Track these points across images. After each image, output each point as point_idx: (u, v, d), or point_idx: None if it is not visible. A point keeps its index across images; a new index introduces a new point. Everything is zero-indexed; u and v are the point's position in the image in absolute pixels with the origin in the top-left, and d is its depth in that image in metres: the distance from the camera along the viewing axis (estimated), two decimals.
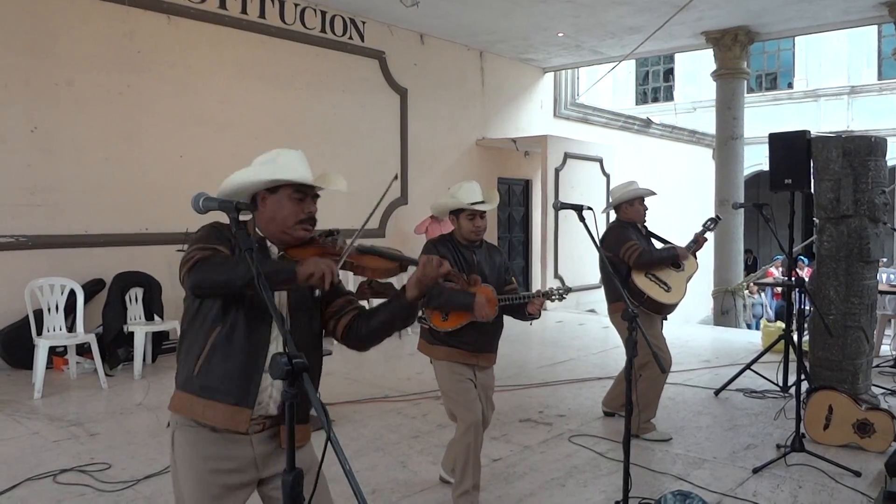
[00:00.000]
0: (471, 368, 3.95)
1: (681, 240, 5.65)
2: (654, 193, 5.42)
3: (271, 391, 2.26)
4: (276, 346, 2.26)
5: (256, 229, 2.32)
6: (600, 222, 5.51)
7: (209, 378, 2.22)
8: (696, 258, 5.44)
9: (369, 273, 2.39)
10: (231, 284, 2.10)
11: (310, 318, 2.39)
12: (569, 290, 4.11)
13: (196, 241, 2.24)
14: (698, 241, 5.48)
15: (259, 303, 2.16)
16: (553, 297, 3.99)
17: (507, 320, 4.10)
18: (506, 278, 4.11)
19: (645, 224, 5.48)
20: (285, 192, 2.29)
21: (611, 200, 5.42)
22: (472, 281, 2.50)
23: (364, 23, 11.04)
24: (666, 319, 5.60)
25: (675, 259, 5.30)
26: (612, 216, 5.58)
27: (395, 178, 2.85)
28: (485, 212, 3.91)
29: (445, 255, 3.80)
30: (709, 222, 5.63)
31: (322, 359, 2.50)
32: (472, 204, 3.85)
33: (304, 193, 2.33)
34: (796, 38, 21.75)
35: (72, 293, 6.99)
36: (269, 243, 2.34)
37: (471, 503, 3.86)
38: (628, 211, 5.35)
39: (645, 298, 5.15)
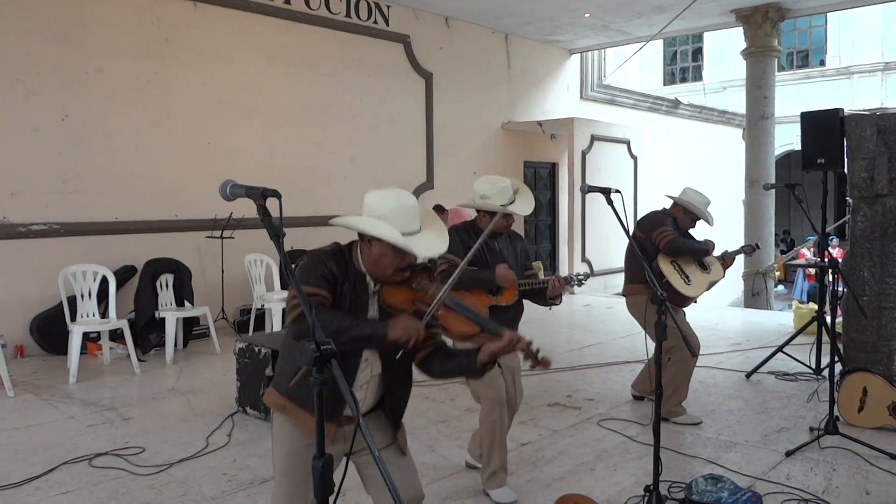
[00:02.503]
0: None
1: (708, 232, 5.61)
2: (710, 224, 5.41)
3: (364, 399, 2.56)
4: (367, 371, 2.52)
5: (360, 262, 2.51)
6: (630, 205, 5.48)
7: (301, 394, 2.45)
8: (722, 269, 5.40)
9: (449, 333, 2.55)
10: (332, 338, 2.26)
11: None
12: (588, 276, 4.11)
13: (300, 275, 2.41)
14: (725, 260, 5.42)
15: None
16: (572, 282, 3.97)
17: (532, 305, 4.07)
18: (525, 264, 4.11)
19: (687, 231, 5.44)
20: (390, 245, 2.41)
21: (679, 195, 5.36)
22: (543, 361, 2.60)
23: (389, 7, 11.00)
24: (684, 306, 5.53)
25: (705, 252, 5.25)
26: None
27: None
28: None
29: (468, 244, 3.83)
30: (748, 247, 5.79)
31: (411, 381, 2.71)
32: (504, 206, 3.81)
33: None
34: (828, 14, 21.32)
35: (104, 280, 7.09)
36: (368, 279, 2.52)
37: (499, 484, 3.88)
38: (679, 212, 5.35)
39: (664, 282, 5.11)
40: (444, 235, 2.56)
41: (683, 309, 5.45)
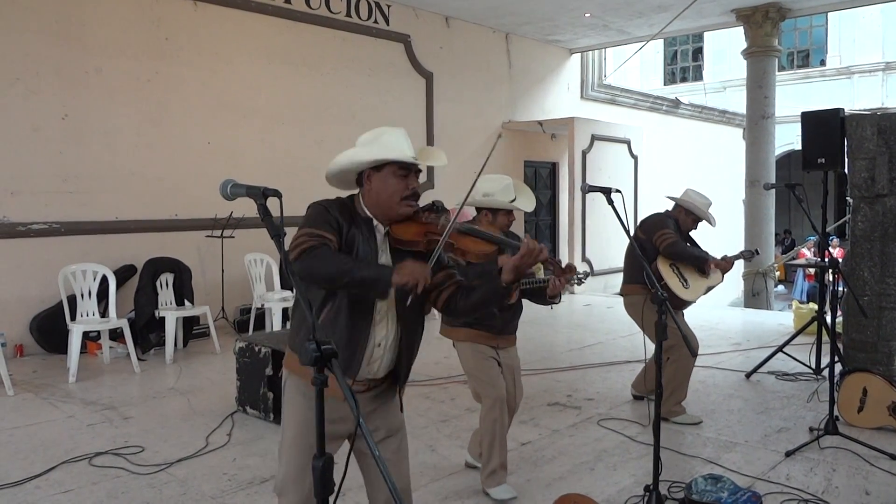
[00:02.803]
0: (493, 349, 3.98)
1: (708, 232, 5.62)
2: (713, 225, 5.45)
3: (381, 361, 2.48)
4: (384, 323, 2.44)
5: (364, 207, 2.46)
6: (630, 205, 5.50)
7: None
8: (721, 274, 5.41)
9: (469, 256, 2.46)
10: (332, 282, 2.28)
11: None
12: (588, 275, 4.11)
13: (306, 222, 2.35)
14: (724, 265, 5.42)
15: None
16: (572, 281, 3.97)
17: (532, 305, 4.07)
18: None
19: (688, 233, 5.46)
20: (390, 169, 2.40)
21: (681, 196, 5.38)
22: (568, 268, 2.57)
23: (389, 6, 11.00)
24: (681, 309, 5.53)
25: (704, 263, 5.27)
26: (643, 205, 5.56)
27: (500, 136, 2.94)
28: None
29: None
30: (747, 252, 5.77)
31: (423, 328, 2.62)
32: (511, 201, 3.87)
33: (408, 170, 2.44)
34: (829, 14, 21.32)
35: (104, 279, 7.09)
36: (375, 223, 2.45)
37: (498, 483, 3.88)
38: (682, 215, 5.37)
39: (662, 284, 5.11)
40: (443, 154, 2.58)
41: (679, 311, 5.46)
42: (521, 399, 4.18)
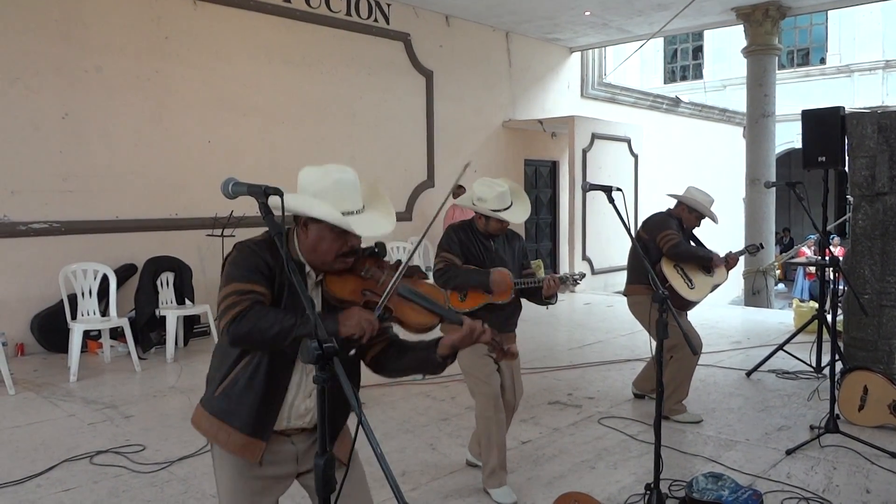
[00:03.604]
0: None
1: (710, 231, 5.61)
2: (716, 222, 5.44)
3: (313, 411, 2.25)
4: (295, 390, 2.23)
5: (298, 250, 2.23)
6: (631, 203, 5.50)
7: (228, 404, 2.22)
8: (726, 271, 5.40)
9: (406, 326, 2.28)
10: (273, 345, 2.08)
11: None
12: (584, 276, 4.13)
13: (233, 272, 2.14)
14: (729, 262, 5.42)
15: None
16: (567, 282, 3.99)
17: (532, 304, 4.08)
18: (523, 262, 4.14)
19: (692, 231, 5.45)
20: (327, 224, 2.15)
21: (683, 193, 5.37)
22: (509, 353, 2.42)
23: (389, 5, 10.99)
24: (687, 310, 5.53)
25: (708, 261, 5.26)
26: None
27: (466, 166, 2.81)
28: None
29: (465, 243, 3.90)
30: (752, 247, 5.78)
31: (359, 380, 2.45)
32: (497, 211, 3.85)
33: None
34: (829, 12, 21.32)
35: (104, 278, 7.09)
36: (308, 269, 2.25)
37: (499, 483, 3.88)
38: (685, 213, 5.35)
39: (667, 286, 5.10)
40: (391, 214, 2.31)
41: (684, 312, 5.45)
42: (520, 397, 4.18)
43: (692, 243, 5.44)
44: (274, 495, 2.33)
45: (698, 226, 5.41)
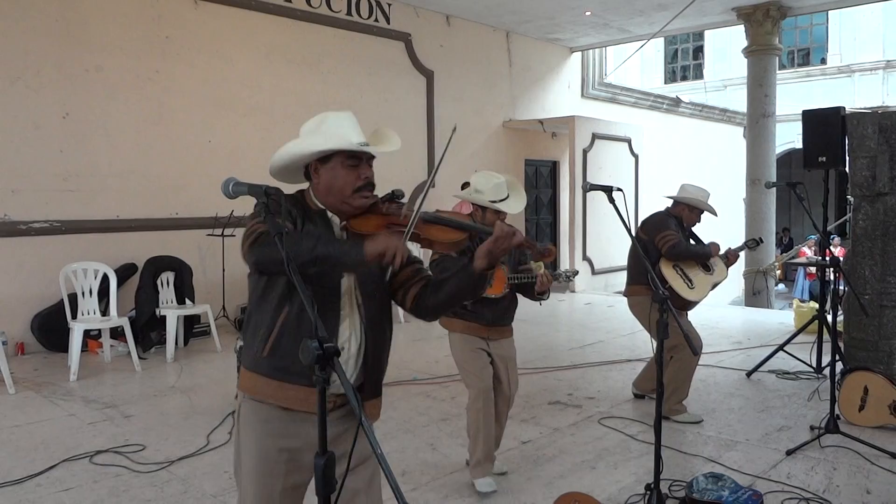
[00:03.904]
0: (484, 340, 4.06)
1: (711, 229, 5.61)
2: (716, 215, 5.43)
3: (346, 370, 2.18)
4: (348, 322, 2.17)
5: (315, 200, 2.22)
6: (631, 203, 5.50)
7: (281, 359, 2.13)
8: (726, 269, 5.40)
9: (437, 246, 2.26)
10: (295, 262, 1.93)
11: (379, 291, 2.28)
12: (576, 273, 4.19)
13: (256, 213, 2.11)
14: (729, 258, 5.42)
15: (326, 280, 2.09)
16: (560, 278, 4.05)
17: (532, 305, 4.12)
18: (520, 258, 4.17)
19: (689, 227, 5.45)
20: (338, 159, 2.16)
21: (679, 193, 5.37)
22: (547, 252, 2.37)
23: (390, 5, 10.99)
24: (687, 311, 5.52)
25: (707, 256, 5.26)
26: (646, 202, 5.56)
27: (454, 130, 2.79)
28: None
29: None
30: (751, 241, 5.77)
31: (392, 333, 2.36)
32: (495, 202, 3.90)
33: (359, 158, 2.19)
34: (829, 13, 21.31)
35: (105, 277, 7.09)
36: (329, 214, 2.22)
37: (483, 474, 3.98)
38: (684, 212, 5.35)
39: (667, 287, 5.10)
40: (396, 138, 2.31)
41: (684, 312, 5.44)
42: (515, 390, 4.21)
43: (692, 241, 5.44)
44: (302, 480, 2.26)
45: (699, 221, 5.40)
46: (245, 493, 2.27)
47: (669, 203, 5.46)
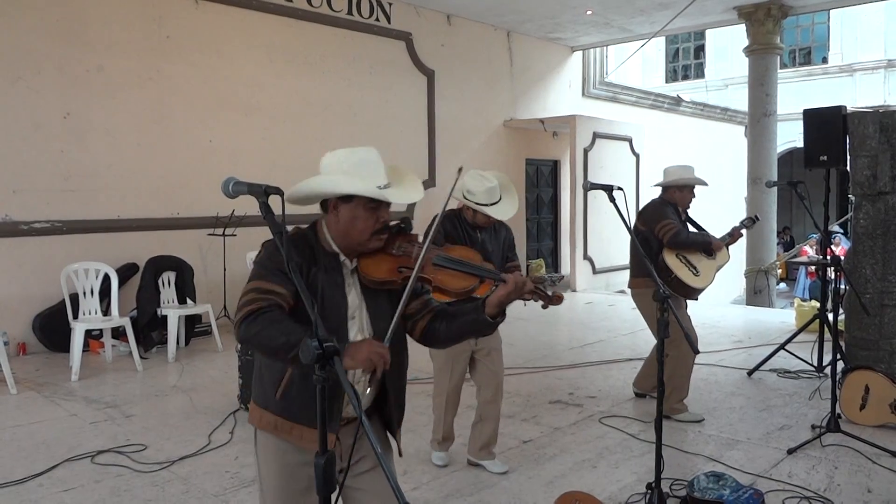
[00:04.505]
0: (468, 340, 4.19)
1: (711, 225, 5.60)
2: (706, 185, 5.40)
3: (362, 396, 2.26)
4: (353, 371, 2.16)
5: (329, 238, 2.22)
6: (631, 200, 5.49)
7: (293, 405, 2.18)
8: (728, 250, 5.39)
9: (447, 293, 2.28)
10: (273, 357, 2.03)
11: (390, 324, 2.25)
12: (562, 278, 4.26)
13: (254, 274, 2.12)
14: (733, 236, 5.43)
15: (332, 329, 2.08)
16: (545, 283, 4.08)
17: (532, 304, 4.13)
18: (508, 255, 4.29)
19: (686, 210, 5.44)
20: (360, 201, 2.15)
21: (665, 178, 5.37)
22: (556, 298, 2.39)
23: (391, 4, 10.99)
24: (695, 299, 5.52)
25: (708, 246, 5.25)
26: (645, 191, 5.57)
27: (460, 170, 2.82)
28: None
29: (451, 233, 4.04)
30: (747, 220, 5.67)
31: (407, 363, 2.43)
32: (484, 206, 3.95)
33: (379, 202, 2.18)
34: (831, 12, 21.30)
35: (106, 277, 7.09)
36: (342, 258, 2.23)
37: (440, 449, 4.40)
38: (676, 195, 5.34)
39: (672, 278, 5.10)
40: (418, 184, 2.33)
41: (687, 301, 5.43)
42: (503, 375, 4.37)
43: (691, 227, 5.42)
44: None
45: (694, 197, 5.37)
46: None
47: (662, 193, 5.44)
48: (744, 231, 5.53)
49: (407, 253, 2.25)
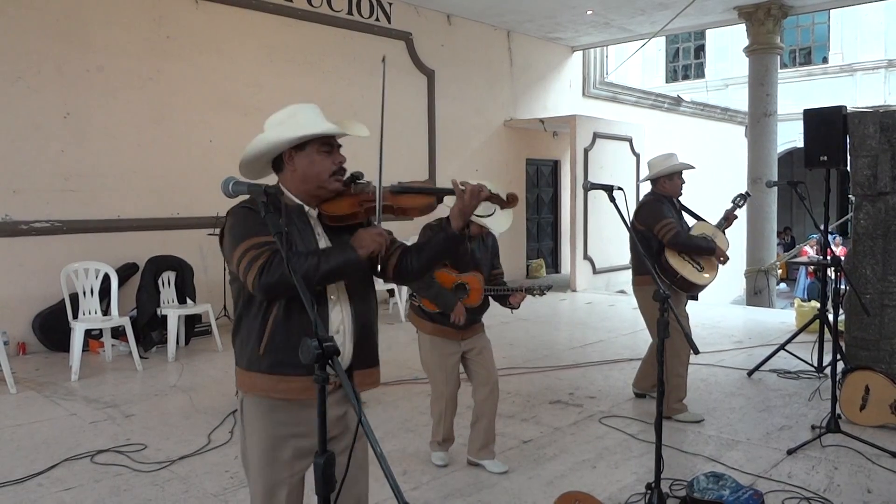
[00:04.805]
0: (457, 342, 4.26)
1: (711, 218, 5.58)
2: (693, 168, 5.36)
3: (343, 350, 2.29)
4: (338, 308, 2.28)
5: (289, 194, 2.32)
6: (632, 200, 5.47)
7: (276, 355, 2.23)
8: (726, 235, 5.37)
9: (411, 212, 2.38)
10: (308, 282, 2.09)
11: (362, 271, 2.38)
12: (549, 288, 4.34)
13: (239, 232, 2.19)
14: (728, 219, 5.41)
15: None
16: (534, 293, 4.27)
17: (533, 304, 4.20)
18: (493, 262, 4.37)
19: (679, 198, 5.41)
20: (313, 147, 2.27)
21: (650, 172, 5.33)
22: (510, 198, 2.45)
23: (391, 4, 10.99)
24: (696, 298, 5.51)
25: (710, 252, 5.19)
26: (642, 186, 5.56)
27: (384, 59, 2.86)
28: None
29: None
30: (738, 198, 5.59)
31: (377, 300, 2.50)
32: (481, 217, 3.91)
33: (331, 144, 2.31)
34: (831, 11, 21.29)
35: (106, 277, 7.09)
36: (306, 209, 2.32)
37: (440, 450, 4.38)
38: (666, 185, 5.26)
39: (678, 278, 5.08)
40: (363, 126, 2.52)
41: (687, 297, 5.42)
42: (496, 374, 4.38)
43: (686, 217, 5.39)
44: (303, 464, 2.35)
45: (684, 183, 5.32)
46: (254, 485, 2.35)
47: (653, 187, 5.40)
48: (738, 212, 5.49)
49: (364, 190, 2.35)
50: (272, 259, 2.10)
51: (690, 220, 5.45)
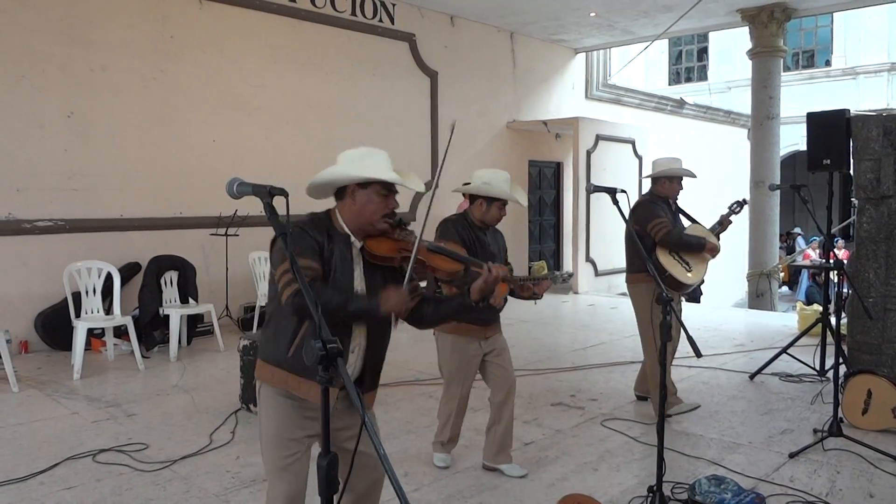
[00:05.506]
0: (477, 341, 4.20)
1: (709, 221, 5.61)
2: (695, 176, 5.43)
3: (353, 367, 2.61)
4: (357, 331, 2.57)
5: (342, 221, 2.60)
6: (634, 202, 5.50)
7: (303, 361, 2.39)
8: (718, 240, 5.41)
9: (438, 273, 2.68)
10: (333, 314, 2.32)
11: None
12: (571, 275, 4.32)
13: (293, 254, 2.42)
14: (723, 224, 5.47)
15: (342, 292, 2.51)
16: (557, 281, 4.21)
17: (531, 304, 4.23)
18: (503, 259, 4.37)
19: (675, 201, 5.47)
20: (375, 188, 2.56)
21: (653, 171, 5.39)
22: (526, 287, 2.83)
23: (394, 5, 10.99)
24: (698, 301, 5.53)
25: (701, 248, 5.27)
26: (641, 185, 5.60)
27: (453, 127, 3.21)
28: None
29: (463, 235, 4.08)
30: (735, 205, 5.65)
31: (391, 334, 2.76)
32: (506, 192, 4.02)
33: (390, 191, 2.61)
34: (834, 14, 21.24)
35: (108, 276, 7.10)
36: (352, 239, 2.60)
37: (443, 451, 4.37)
38: (665, 185, 5.35)
39: (666, 275, 5.14)
40: (420, 181, 2.78)
41: (682, 300, 5.46)
42: (514, 376, 4.34)
43: (682, 219, 5.44)
44: (311, 441, 2.64)
45: (681, 189, 5.39)
46: (266, 457, 2.61)
47: (651, 187, 5.46)
48: (732, 217, 5.54)
49: (405, 238, 2.65)
50: (313, 284, 2.38)
51: (685, 223, 5.51)
